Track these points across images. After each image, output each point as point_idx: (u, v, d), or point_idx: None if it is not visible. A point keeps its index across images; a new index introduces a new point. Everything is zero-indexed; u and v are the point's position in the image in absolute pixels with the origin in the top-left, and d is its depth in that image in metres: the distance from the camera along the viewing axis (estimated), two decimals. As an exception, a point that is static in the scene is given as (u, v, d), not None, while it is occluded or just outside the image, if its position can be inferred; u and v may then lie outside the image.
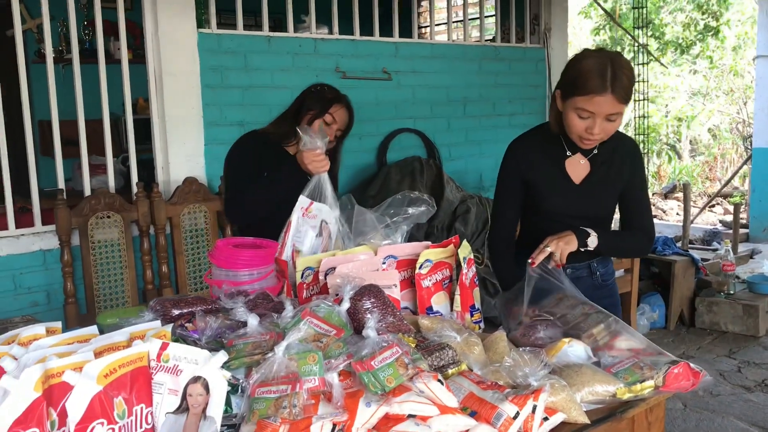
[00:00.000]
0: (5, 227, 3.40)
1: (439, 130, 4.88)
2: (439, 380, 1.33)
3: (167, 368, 1.23)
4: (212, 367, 1.21)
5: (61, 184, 3.51)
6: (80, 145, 3.59)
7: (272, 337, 1.38)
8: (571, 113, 2.01)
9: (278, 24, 4.99)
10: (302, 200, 2.21)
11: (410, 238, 4.02)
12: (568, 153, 2.17)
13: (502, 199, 2.31)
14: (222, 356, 1.23)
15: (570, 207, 2.19)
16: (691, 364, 1.68)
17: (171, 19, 3.72)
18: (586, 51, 2.06)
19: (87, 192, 3.59)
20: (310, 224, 2.20)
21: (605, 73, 1.92)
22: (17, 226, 3.44)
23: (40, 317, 3.45)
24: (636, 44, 6.23)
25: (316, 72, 4.23)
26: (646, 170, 2.26)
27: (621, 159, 2.18)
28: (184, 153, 3.82)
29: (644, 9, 5.85)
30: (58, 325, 1.42)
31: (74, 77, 3.56)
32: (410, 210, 2.19)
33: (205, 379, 1.21)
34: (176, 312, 1.60)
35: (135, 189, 3.61)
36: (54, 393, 1.13)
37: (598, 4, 5.86)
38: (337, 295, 1.63)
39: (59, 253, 3.38)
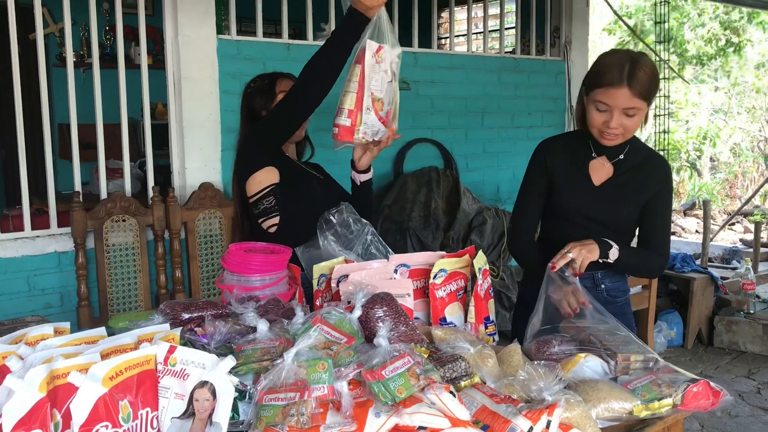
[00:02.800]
0: (21, 228, 3.42)
1: (457, 141, 4.85)
2: (451, 392, 1.30)
3: (174, 372, 1.21)
4: (220, 372, 1.19)
5: (78, 187, 3.52)
6: (98, 149, 3.60)
7: (282, 343, 1.36)
8: (591, 106, 2.04)
9: (298, 32, 5.01)
10: (370, 44, 1.98)
11: (425, 248, 3.99)
12: (594, 154, 2.19)
13: (525, 192, 2.33)
14: (230, 361, 1.20)
15: (585, 208, 2.19)
16: (712, 383, 1.64)
17: (191, 24, 3.73)
18: (611, 50, 2.11)
19: (103, 195, 3.60)
20: (382, 69, 2.03)
21: (623, 67, 1.96)
22: (33, 228, 3.45)
23: (53, 319, 3.42)
24: (658, 59, 6.17)
25: (334, 80, 4.22)
26: (673, 194, 2.23)
27: (649, 174, 2.16)
28: (201, 158, 3.82)
29: (665, 24, 5.80)
30: (67, 325, 1.40)
31: (94, 81, 3.57)
32: (353, 228, 2.14)
33: (212, 384, 1.19)
34: (186, 316, 1.58)
35: (151, 193, 3.61)
36: (59, 394, 1.11)
37: (620, 18, 5.81)
38: (349, 302, 1.60)
39: (74, 255, 3.39)
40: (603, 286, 2.26)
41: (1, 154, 5.40)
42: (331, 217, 2.10)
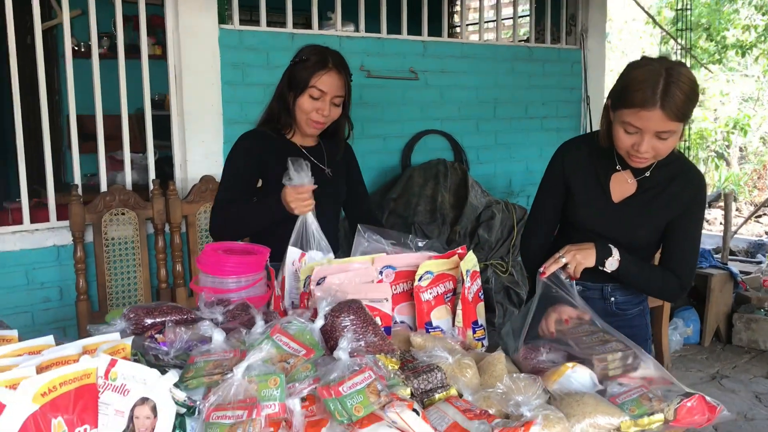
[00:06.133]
0: (20, 221, 3.39)
1: (468, 132, 4.73)
2: (414, 410, 1.21)
3: (115, 387, 1.14)
4: (161, 388, 1.12)
5: (78, 180, 3.49)
6: (97, 141, 3.56)
7: (236, 355, 1.28)
8: (618, 127, 1.81)
9: (304, 22, 4.92)
10: (291, 252, 1.92)
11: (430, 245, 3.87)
12: (618, 167, 1.98)
13: (541, 200, 2.15)
14: (172, 377, 1.13)
15: (601, 225, 2.00)
16: (707, 398, 1.54)
17: (193, 14, 3.67)
18: (643, 59, 1.84)
19: (104, 188, 3.56)
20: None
21: (656, 85, 1.70)
22: (34, 221, 3.42)
23: (52, 313, 3.44)
24: (679, 47, 5.98)
25: (340, 70, 4.13)
26: (704, 213, 2.02)
27: (677, 190, 1.95)
28: (203, 151, 3.76)
29: (688, 11, 5.60)
30: (14, 333, 1.34)
31: (93, 72, 3.53)
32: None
33: (153, 400, 1.12)
34: (149, 321, 1.51)
35: (151, 186, 3.57)
36: (-14, 412, 1.05)
37: (638, 4, 5.63)
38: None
39: (72, 248, 3.35)
40: (612, 299, 2.10)
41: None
42: None
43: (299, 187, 1.99)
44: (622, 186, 2.01)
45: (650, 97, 1.70)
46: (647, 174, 1.97)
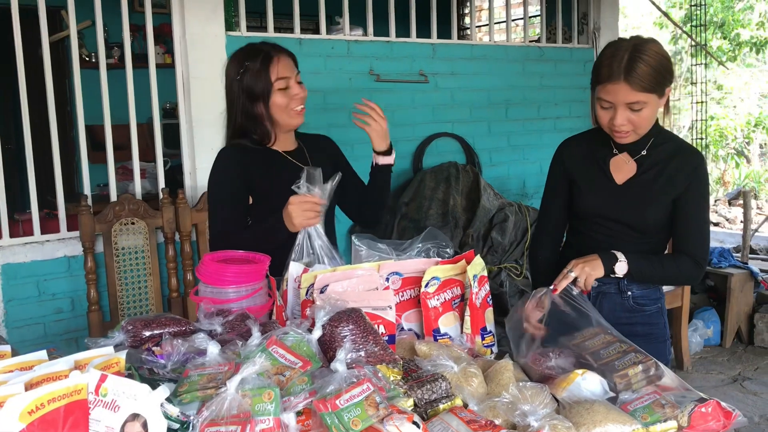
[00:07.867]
0: (31, 233, 3.39)
1: (480, 135, 4.68)
2: (414, 422, 1.17)
3: (105, 403, 1.11)
4: (152, 403, 1.09)
5: (87, 190, 3.49)
6: (107, 151, 3.56)
7: (230, 368, 1.25)
8: (597, 104, 1.91)
9: (312, 27, 4.90)
10: (294, 267, 1.80)
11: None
12: (615, 151, 2.04)
13: (547, 197, 2.22)
14: (162, 392, 1.10)
15: (609, 209, 2.04)
16: (723, 403, 1.48)
17: (200, 22, 3.66)
18: (617, 39, 1.94)
19: (113, 198, 3.55)
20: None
21: (621, 59, 1.82)
22: (45, 232, 3.43)
23: (64, 324, 3.44)
24: (694, 44, 5.89)
25: (348, 75, 4.12)
26: (708, 189, 2.05)
27: (677, 168, 1.99)
28: (212, 159, 3.72)
29: (703, 7, 5.51)
30: (7, 349, 1.31)
31: (101, 82, 3.53)
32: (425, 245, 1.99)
33: (143, 416, 1.09)
34: (147, 333, 1.49)
35: (161, 195, 3.56)
36: (-27, 431, 1.02)
37: (653, 3, 5.55)
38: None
39: (83, 259, 3.35)
40: (629, 293, 2.08)
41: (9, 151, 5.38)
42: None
43: (303, 197, 1.89)
44: (622, 168, 2.05)
45: (615, 70, 1.82)
46: (644, 152, 2.01)
